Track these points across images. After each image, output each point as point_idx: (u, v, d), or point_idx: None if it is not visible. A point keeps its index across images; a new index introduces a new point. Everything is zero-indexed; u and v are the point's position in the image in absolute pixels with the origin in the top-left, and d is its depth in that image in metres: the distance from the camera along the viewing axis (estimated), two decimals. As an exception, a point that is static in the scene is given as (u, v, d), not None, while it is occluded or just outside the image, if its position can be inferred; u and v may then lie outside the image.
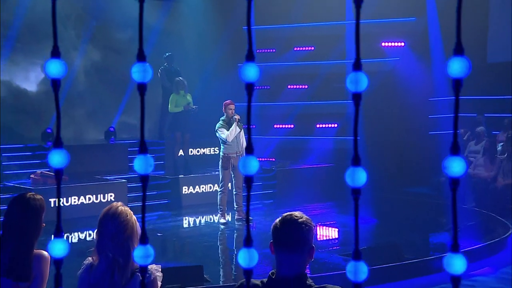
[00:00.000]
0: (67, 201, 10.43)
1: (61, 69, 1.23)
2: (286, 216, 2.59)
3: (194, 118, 12.44)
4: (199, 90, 14.25)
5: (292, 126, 15.24)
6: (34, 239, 3.27)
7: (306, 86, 15.28)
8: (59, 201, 1.27)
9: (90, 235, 9.27)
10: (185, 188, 11.99)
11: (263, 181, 12.67)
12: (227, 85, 13.99)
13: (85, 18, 14.42)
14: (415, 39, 14.29)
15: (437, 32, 13.92)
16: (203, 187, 12.12)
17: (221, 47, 15.18)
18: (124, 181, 11.43)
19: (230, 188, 10.32)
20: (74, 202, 10.55)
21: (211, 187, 12.05)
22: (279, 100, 15.27)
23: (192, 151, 13.49)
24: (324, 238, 9.91)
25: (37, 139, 12.73)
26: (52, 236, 1.30)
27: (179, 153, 12.69)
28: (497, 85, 13.08)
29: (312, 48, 15.34)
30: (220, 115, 10.02)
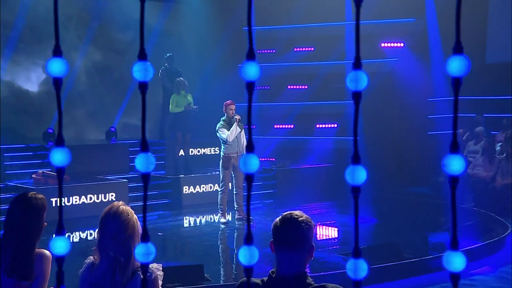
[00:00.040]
0: (69, 201, 10.43)
1: (63, 68, 1.22)
2: (286, 215, 2.59)
3: (195, 118, 12.44)
4: (200, 91, 14.22)
5: (292, 126, 15.22)
6: (36, 238, 3.26)
7: (306, 87, 15.28)
8: (61, 199, 1.27)
9: (91, 235, 9.26)
10: (186, 188, 11.98)
11: (263, 181, 12.65)
12: (227, 86, 13.99)
13: (87, 19, 14.39)
14: (415, 40, 14.30)
15: (436, 33, 13.91)
16: (204, 187, 12.12)
17: (221, 48, 15.17)
18: (125, 181, 11.44)
19: (231, 188, 10.30)
20: (76, 202, 10.54)
21: (212, 187, 12.05)
22: (279, 101, 15.27)
23: (193, 151, 13.47)
24: (324, 238, 9.90)
25: (39, 139, 12.72)
26: (54, 235, 1.30)
27: (180, 153, 12.67)
28: (496, 86, 13.09)
29: (312, 49, 15.33)
30: (221, 115, 10.02)
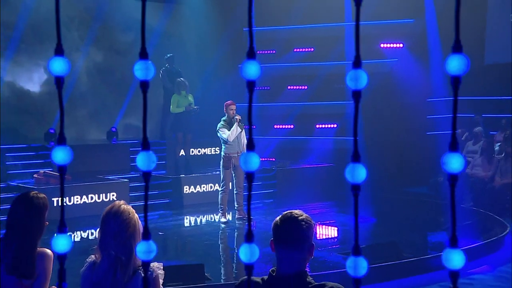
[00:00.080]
0: (70, 201, 10.44)
1: (65, 67, 1.21)
2: (286, 214, 2.59)
3: (196, 119, 12.45)
4: (200, 91, 14.24)
5: (292, 127, 15.24)
6: (38, 237, 3.26)
7: (306, 87, 15.30)
8: (62, 197, 1.27)
9: (93, 234, 9.27)
10: (186, 188, 12.01)
11: (264, 181, 12.65)
12: (228, 86, 14.03)
13: (88, 20, 14.41)
14: (414, 41, 14.31)
15: (436, 34, 13.94)
16: (204, 187, 12.14)
17: (222, 48, 15.20)
18: (126, 181, 11.46)
19: (231, 188, 10.30)
20: (77, 202, 10.55)
21: (212, 187, 12.07)
22: (279, 101, 15.29)
23: (193, 151, 13.47)
24: (324, 237, 9.90)
25: (40, 139, 12.78)
26: (56, 234, 1.30)
27: (180, 153, 12.69)
28: (495, 86, 13.12)
29: (312, 49, 15.35)
30: (221, 115, 10.03)
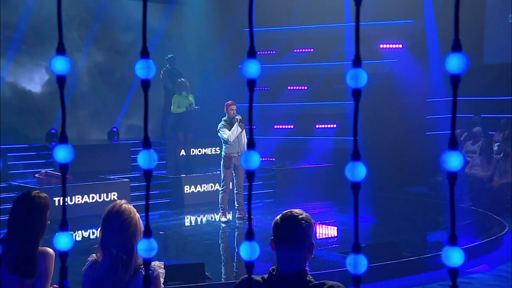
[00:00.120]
0: (71, 200, 10.47)
1: (66, 66, 1.22)
2: (286, 213, 2.60)
3: (196, 119, 12.47)
4: (201, 91, 14.25)
5: (292, 127, 15.27)
6: (39, 237, 3.26)
7: (306, 87, 15.33)
8: (64, 195, 1.27)
9: (94, 233, 9.27)
10: (187, 187, 12.03)
11: (264, 181, 12.67)
12: (228, 86, 14.05)
13: (89, 20, 14.44)
14: (413, 41, 14.35)
15: (435, 34, 13.96)
16: (205, 186, 12.16)
17: (222, 49, 15.22)
18: (127, 181, 11.50)
19: (231, 188, 10.32)
20: (78, 201, 10.59)
21: (213, 186, 12.09)
22: (279, 101, 15.32)
23: (194, 151, 13.49)
24: (324, 236, 9.92)
25: (42, 140, 12.82)
26: (58, 232, 1.30)
27: (181, 153, 12.71)
28: (494, 86, 13.15)
29: (312, 50, 15.38)
30: (222, 116, 10.07)
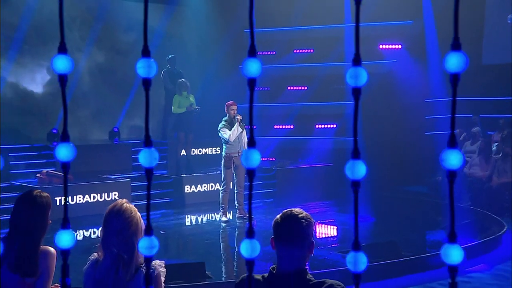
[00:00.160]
0: (72, 200, 10.50)
1: (68, 65, 1.22)
2: (287, 212, 2.62)
3: (197, 119, 12.50)
4: (201, 91, 14.27)
5: (292, 127, 15.31)
6: (41, 236, 3.27)
7: (306, 88, 15.36)
8: (66, 194, 1.27)
9: (95, 233, 9.31)
10: (188, 187, 12.08)
11: (264, 180, 12.69)
12: (229, 86, 14.06)
13: (90, 21, 14.47)
14: (412, 42, 14.39)
15: (434, 35, 14.00)
16: (205, 186, 12.21)
17: (222, 49, 15.23)
18: (128, 180, 11.55)
19: (232, 187, 10.34)
20: (79, 201, 10.63)
21: (213, 186, 12.13)
22: (279, 101, 15.36)
23: (194, 151, 13.51)
24: (323, 236, 9.94)
25: (43, 140, 12.85)
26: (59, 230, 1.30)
27: (182, 153, 12.75)
28: (493, 87, 13.19)
29: (312, 50, 15.42)
30: (222, 116, 10.10)
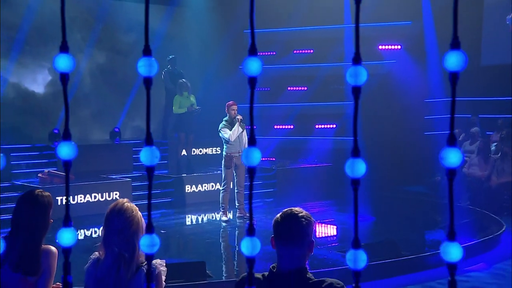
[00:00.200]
0: (74, 199, 10.55)
1: (70, 64, 1.23)
2: (287, 211, 2.64)
3: (198, 119, 12.53)
4: (202, 92, 14.30)
5: (292, 127, 15.35)
6: (42, 235, 3.28)
7: (306, 88, 15.40)
8: (68, 192, 1.28)
9: (96, 232, 9.34)
10: (188, 187, 12.11)
11: (264, 180, 12.73)
12: (229, 86, 14.11)
13: (91, 21, 14.52)
14: (411, 42, 14.42)
15: (433, 35, 14.02)
16: (206, 186, 12.24)
17: (223, 50, 15.27)
18: (129, 180, 11.59)
19: (232, 187, 10.36)
20: (80, 200, 10.68)
21: (213, 186, 12.18)
22: (279, 102, 15.40)
23: (195, 151, 13.54)
24: (323, 235, 9.97)
25: (45, 139, 12.90)
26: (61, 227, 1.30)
27: (182, 153, 12.79)
28: (491, 87, 13.22)
29: (311, 51, 15.46)
30: (223, 116, 10.14)
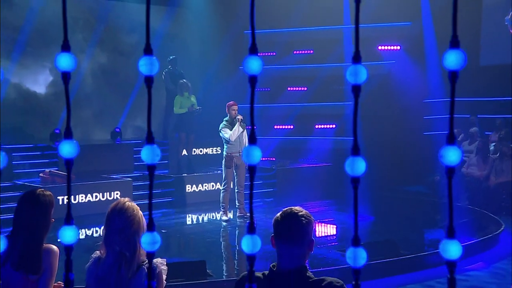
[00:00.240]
0: (75, 199, 10.58)
1: (71, 62, 1.23)
2: (287, 210, 2.65)
3: (198, 119, 12.56)
4: (202, 92, 14.36)
5: (292, 127, 15.39)
6: (44, 234, 3.30)
7: (305, 88, 15.44)
8: (69, 190, 1.28)
9: (97, 232, 9.37)
10: (189, 187, 12.14)
11: (264, 180, 12.76)
12: (229, 87, 14.15)
13: (93, 22, 14.57)
14: (411, 43, 14.47)
15: (432, 36, 14.05)
16: (206, 186, 12.28)
17: (223, 50, 15.31)
18: (130, 180, 11.62)
19: (232, 187, 10.39)
20: (82, 200, 10.70)
21: (214, 186, 12.21)
22: (279, 102, 15.44)
23: (195, 151, 13.57)
24: (323, 235, 10.00)
25: (46, 139, 12.93)
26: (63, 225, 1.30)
27: (183, 153, 12.83)
28: (490, 87, 13.27)
29: (311, 52, 15.50)
30: (223, 116, 10.18)
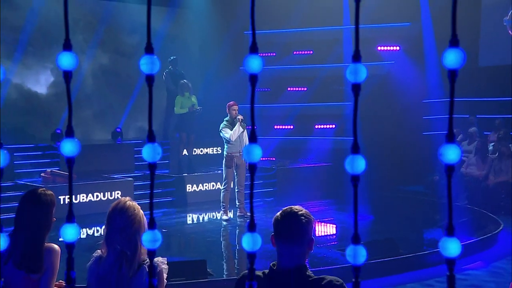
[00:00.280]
0: (76, 199, 10.60)
1: (73, 61, 1.24)
2: (287, 209, 2.67)
3: (199, 119, 12.60)
4: (203, 92, 14.41)
5: (292, 127, 15.42)
6: (45, 233, 3.32)
7: (305, 89, 15.47)
8: (71, 189, 1.29)
9: (98, 231, 9.40)
10: (189, 186, 12.17)
11: (264, 180, 12.78)
12: (230, 87, 14.18)
13: (94, 23, 14.60)
14: (410, 43, 14.50)
15: (431, 37, 14.08)
16: (206, 185, 12.31)
17: (224, 51, 15.34)
18: (131, 179, 11.65)
19: (233, 186, 10.42)
20: (83, 200, 10.73)
21: (214, 185, 12.24)
22: (279, 102, 15.48)
23: (196, 151, 13.60)
24: (323, 234, 10.03)
25: (47, 139, 12.97)
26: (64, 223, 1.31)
27: (183, 153, 12.87)
28: (489, 88, 13.33)
29: (311, 52, 15.53)
30: (224, 116, 10.21)
